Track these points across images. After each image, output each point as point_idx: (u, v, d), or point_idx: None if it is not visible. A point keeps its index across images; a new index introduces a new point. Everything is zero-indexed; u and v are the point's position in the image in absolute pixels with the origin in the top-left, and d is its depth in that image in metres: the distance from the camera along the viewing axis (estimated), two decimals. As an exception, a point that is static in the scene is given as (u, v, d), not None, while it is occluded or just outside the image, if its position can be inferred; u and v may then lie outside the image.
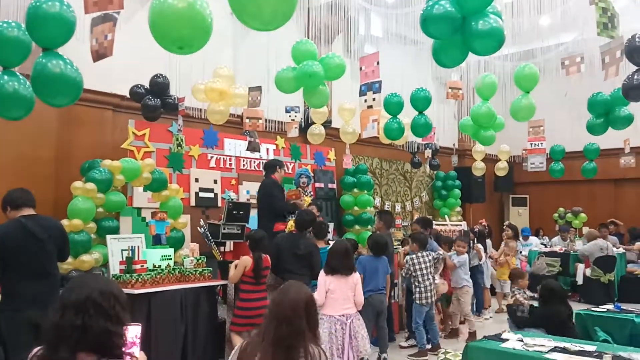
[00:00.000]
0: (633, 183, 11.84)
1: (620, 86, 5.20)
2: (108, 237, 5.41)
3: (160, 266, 4.97)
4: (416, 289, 5.98)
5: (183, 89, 6.22)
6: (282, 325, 2.24)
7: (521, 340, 3.96)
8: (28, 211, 3.91)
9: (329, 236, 6.26)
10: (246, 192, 7.59)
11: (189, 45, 3.16)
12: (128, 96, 6.31)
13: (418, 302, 5.95)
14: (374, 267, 5.55)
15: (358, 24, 9.01)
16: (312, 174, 8.35)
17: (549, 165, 9.28)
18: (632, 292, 8.95)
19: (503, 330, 4.46)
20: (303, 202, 6.37)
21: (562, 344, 3.81)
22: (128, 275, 4.68)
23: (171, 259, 5.17)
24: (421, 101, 6.54)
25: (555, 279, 7.27)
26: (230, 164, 7.59)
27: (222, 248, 6.03)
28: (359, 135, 7.05)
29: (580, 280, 9.20)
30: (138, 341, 1.84)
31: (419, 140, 9.00)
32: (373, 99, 5.89)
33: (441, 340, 6.43)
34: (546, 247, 10.56)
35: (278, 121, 7.90)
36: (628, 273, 9.63)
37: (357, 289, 4.64)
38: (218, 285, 5.55)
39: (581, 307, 5.84)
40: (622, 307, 5.39)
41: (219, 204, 7.20)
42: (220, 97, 6.09)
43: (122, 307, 1.85)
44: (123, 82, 6.29)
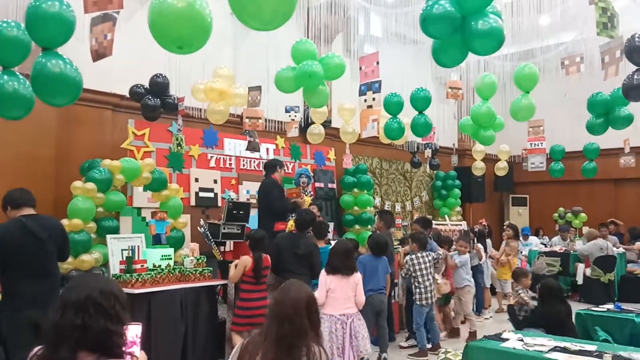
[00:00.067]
0: (633, 183, 11.84)
1: (620, 86, 5.20)
2: (108, 237, 5.41)
3: (160, 266, 4.98)
4: (416, 290, 5.98)
5: (183, 89, 6.22)
6: (284, 324, 2.23)
7: (521, 340, 3.96)
8: (28, 211, 3.92)
9: (329, 236, 6.26)
10: (246, 192, 7.59)
11: (189, 45, 3.16)
12: (128, 96, 6.31)
13: (418, 303, 5.94)
14: (374, 267, 5.54)
15: (358, 24, 9.01)
16: (312, 174, 8.35)
17: (549, 165, 9.27)
18: (632, 292, 8.96)
19: (503, 329, 4.46)
20: (303, 201, 6.37)
21: (563, 344, 3.81)
22: (128, 274, 4.68)
23: (171, 259, 5.17)
24: (421, 101, 6.54)
25: (555, 279, 7.27)
26: (230, 164, 7.59)
27: (222, 248, 6.03)
28: (359, 135, 7.05)
29: (580, 280, 9.21)
30: (138, 341, 1.84)
31: (419, 140, 9.00)
32: (373, 99, 5.89)
33: (443, 340, 6.44)
34: (546, 247, 10.56)
35: (278, 121, 7.89)
36: (628, 273, 9.64)
37: (358, 289, 4.64)
38: (218, 285, 5.55)
39: (581, 307, 5.84)
40: (622, 307, 5.39)
41: (219, 204, 7.20)
42: (220, 97, 6.09)
43: (122, 307, 1.84)
44: (123, 82, 6.29)
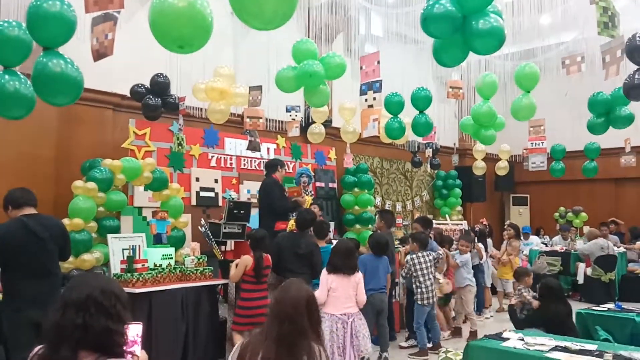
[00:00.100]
0: (634, 182, 11.83)
1: (620, 85, 5.19)
2: (109, 237, 5.42)
3: (161, 265, 4.99)
4: (417, 290, 5.95)
5: (184, 89, 6.22)
6: (284, 323, 2.23)
7: (522, 339, 3.97)
8: (29, 210, 3.92)
9: (330, 235, 6.26)
10: (247, 192, 7.59)
11: (190, 44, 3.16)
12: (129, 95, 6.30)
13: (420, 303, 5.92)
14: (375, 266, 5.54)
15: (358, 24, 9.00)
16: (313, 173, 8.35)
17: (550, 164, 9.26)
18: (633, 291, 8.96)
19: (504, 329, 4.46)
20: (304, 199, 6.37)
21: (563, 343, 3.81)
22: (129, 274, 4.69)
23: (172, 258, 5.18)
24: (422, 100, 6.53)
25: (556, 278, 7.27)
26: (231, 163, 7.59)
27: (223, 247, 6.04)
28: (360, 134, 7.05)
29: (581, 279, 9.21)
30: (139, 340, 1.84)
31: (420, 139, 9.00)
32: (374, 98, 5.89)
33: (446, 339, 6.44)
34: (547, 247, 10.57)
35: (278, 120, 7.89)
36: (629, 272, 9.64)
37: (360, 288, 4.64)
38: (219, 284, 5.56)
39: (582, 306, 5.84)
40: (623, 306, 5.39)
41: (220, 203, 7.20)
42: (220, 97, 6.09)
43: (123, 306, 1.84)
44: (124, 82, 6.29)
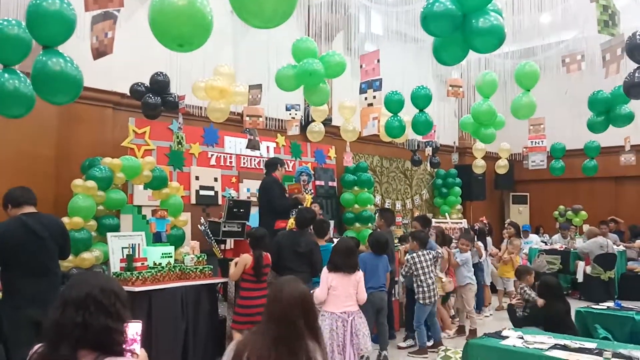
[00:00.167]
0: (633, 181, 11.84)
1: (620, 84, 5.19)
2: (108, 235, 5.42)
3: (160, 264, 4.99)
4: (419, 289, 5.90)
5: (183, 87, 6.22)
6: (280, 323, 2.22)
7: (521, 337, 3.97)
8: (29, 209, 3.92)
9: (331, 234, 6.26)
10: (246, 190, 7.59)
11: (189, 43, 3.16)
12: (128, 94, 6.30)
13: (421, 302, 5.87)
14: (375, 265, 5.54)
15: (358, 22, 8.99)
16: (313, 172, 8.35)
17: (550, 163, 9.27)
18: (633, 290, 8.95)
19: (503, 327, 4.46)
20: (304, 196, 6.37)
21: (563, 342, 3.81)
22: (128, 272, 4.69)
23: (172, 257, 5.18)
24: (422, 99, 6.52)
25: (555, 277, 7.27)
26: (230, 162, 7.59)
27: (223, 246, 6.04)
28: (360, 133, 7.04)
29: (580, 277, 9.22)
30: (139, 338, 1.84)
31: (420, 138, 9.00)
32: (373, 97, 5.89)
33: (451, 338, 6.45)
34: (546, 245, 10.57)
35: (278, 119, 7.89)
36: (628, 271, 9.63)
37: (360, 287, 4.64)
38: (218, 283, 5.56)
39: (581, 305, 5.84)
40: (623, 305, 5.39)
41: (220, 202, 7.20)
42: (220, 95, 6.09)
43: (123, 305, 1.84)
44: (123, 80, 6.28)
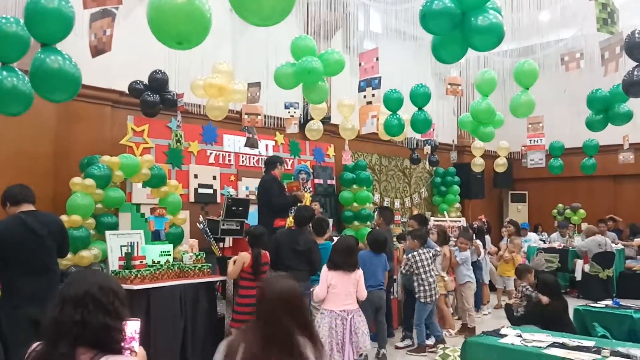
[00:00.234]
0: (632, 179, 11.85)
1: (619, 82, 5.19)
2: (107, 233, 5.41)
3: (159, 262, 4.98)
4: (420, 287, 5.88)
5: (182, 85, 6.21)
6: (267, 321, 2.19)
7: (520, 335, 3.98)
8: (27, 207, 3.92)
9: (330, 232, 6.25)
10: (245, 188, 7.59)
11: (188, 40, 3.15)
12: (127, 92, 6.28)
13: (422, 301, 5.86)
14: (373, 263, 5.54)
15: (357, 20, 8.98)
16: (311, 170, 8.35)
17: (548, 161, 9.28)
18: (631, 288, 8.98)
19: (502, 325, 4.47)
20: (303, 193, 6.37)
21: (561, 340, 3.82)
22: (127, 271, 4.68)
23: (170, 255, 5.18)
24: (420, 97, 6.52)
25: (553, 275, 7.29)
26: (229, 160, 7.58)
27: (222, 244, 6.05)
28: (358, 131, 7.04)
29: (578, 276, 9.24)
30: (137, 336, 1.84)
31: (419, 136, 8.99)
32: (372, 95, 5.87)
33: (455, 337, 6.45)
34: (545, 243, 10.58)
35: (277, 117, 7.89)
36: (627, 269, 9.66)
37: (360, 285, 4.65)
38: (217, 281, 5.56)
39: (580, 303, 5.86)
40: (621, 303, 5.40)
41: (218, 200, 7.20)
42: (219, 93, 6.09)
43: (121, 303, 1.84)
44: (122, 78, 6.27)
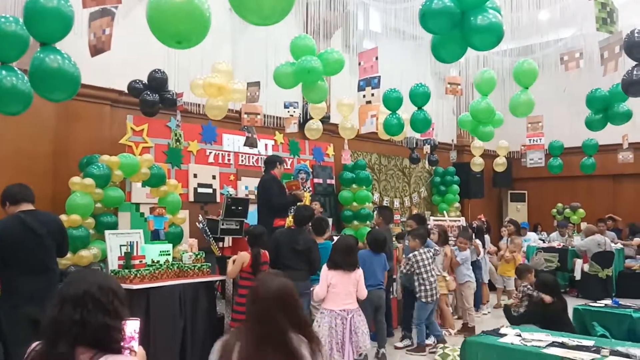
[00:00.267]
0: (631, 179, 11.85)
1: (619, 82, 5.20)
2: (106, 233, 5.40)
3: (158, 261, 4.98)
4: (420, 287, 5.88)
5: (181, 84, 6.20)
6: (260, 321, 2.17)
7: (519, 335, 3.98)
8: (27, 206, 3.92)
9: (330, 232, 6.25)
10: (245, 188, 7.59)
11: (187, 40, 3.15)
12: (126, 91, 6.28)
13: (424, 300, 5.85)
14: (373, 263, 5.54)
15: (357, 19, 8.98)
16: (311, 170, 8.35)
17: (548, 161, 9.28)
18: (630, 288, 8.99)
19: (501, 325, 4.47)
20: (303, 192, 6.37)
21: (560, 339, 3.82)
22: (126, 270, 4.68)
23: (170, 255, 5.17)
24: (420, 97, 6.52)
25: (553, 274, 7.29)
26: (228, 160, 7.58)
27: (221, 243, 6.04)
28: (358, 130, 7.03)
29: (578, 275, 9.24)
30: (137, 336, 1.84)
31: (418, 135, 8.99)
32: (372, 95, 5.87)
33: (456, 336, 6.46)
34: (544, 243, 10.59)
35: (276, 116, 7.88)
36: (626, 268, 9.67)
37: (360, 285, 4.65)
38: (217, 280, 5.55)
39: (579, 303, 5.86)
40: (620, 303, 5.41)
41: (218, 200, 7.20)
42: (218, 93, 6.08)
43: (121, 302, 1.84)
44: (121, 77, 6.26)
